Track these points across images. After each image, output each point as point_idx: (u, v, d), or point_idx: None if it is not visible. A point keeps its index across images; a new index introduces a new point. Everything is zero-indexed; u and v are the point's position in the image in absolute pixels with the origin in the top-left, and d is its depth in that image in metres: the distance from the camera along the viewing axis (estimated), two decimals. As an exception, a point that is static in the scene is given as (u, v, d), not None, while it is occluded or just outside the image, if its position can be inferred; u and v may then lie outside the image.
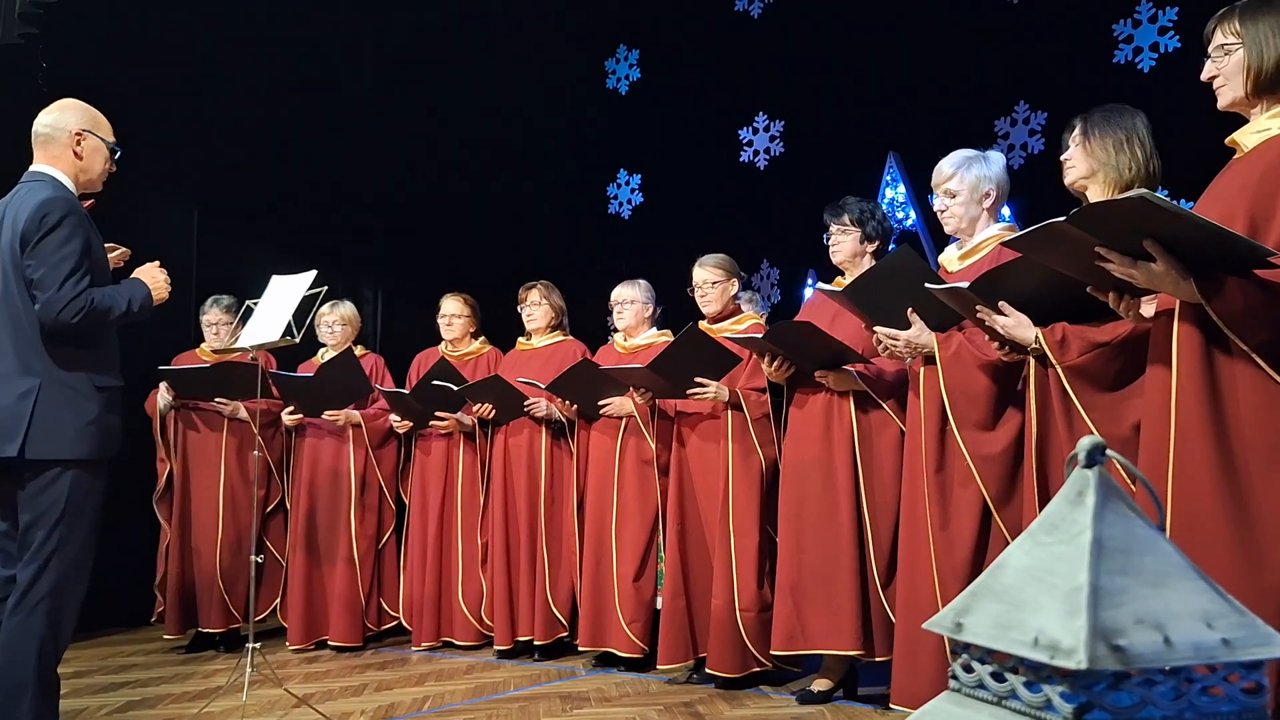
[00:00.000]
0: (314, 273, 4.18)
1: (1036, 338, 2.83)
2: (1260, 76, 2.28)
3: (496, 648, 5.11)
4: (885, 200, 6.18)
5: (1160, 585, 1.03)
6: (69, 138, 3.21)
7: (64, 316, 3.00)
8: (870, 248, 4.03)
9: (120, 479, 3.80)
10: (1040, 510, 2.80)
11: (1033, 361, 2.90)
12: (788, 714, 3.88)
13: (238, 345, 4.27)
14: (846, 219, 4.02)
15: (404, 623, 5.51)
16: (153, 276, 3.33)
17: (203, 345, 5.68)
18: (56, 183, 3.17)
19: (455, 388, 5.05)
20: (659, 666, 4.44)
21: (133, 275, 3.31)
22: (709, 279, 4.53)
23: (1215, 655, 1.00)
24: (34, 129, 3.23)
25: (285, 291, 4.21)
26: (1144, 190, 2.16)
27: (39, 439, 2.99)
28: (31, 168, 3.23)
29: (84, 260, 3.06)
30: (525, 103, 7.43)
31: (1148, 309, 2.42)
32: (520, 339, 5.47)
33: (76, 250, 3.05)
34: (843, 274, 4.08)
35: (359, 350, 5.66)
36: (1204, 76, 2.40)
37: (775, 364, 4.02)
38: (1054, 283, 2.62)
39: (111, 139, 3.31)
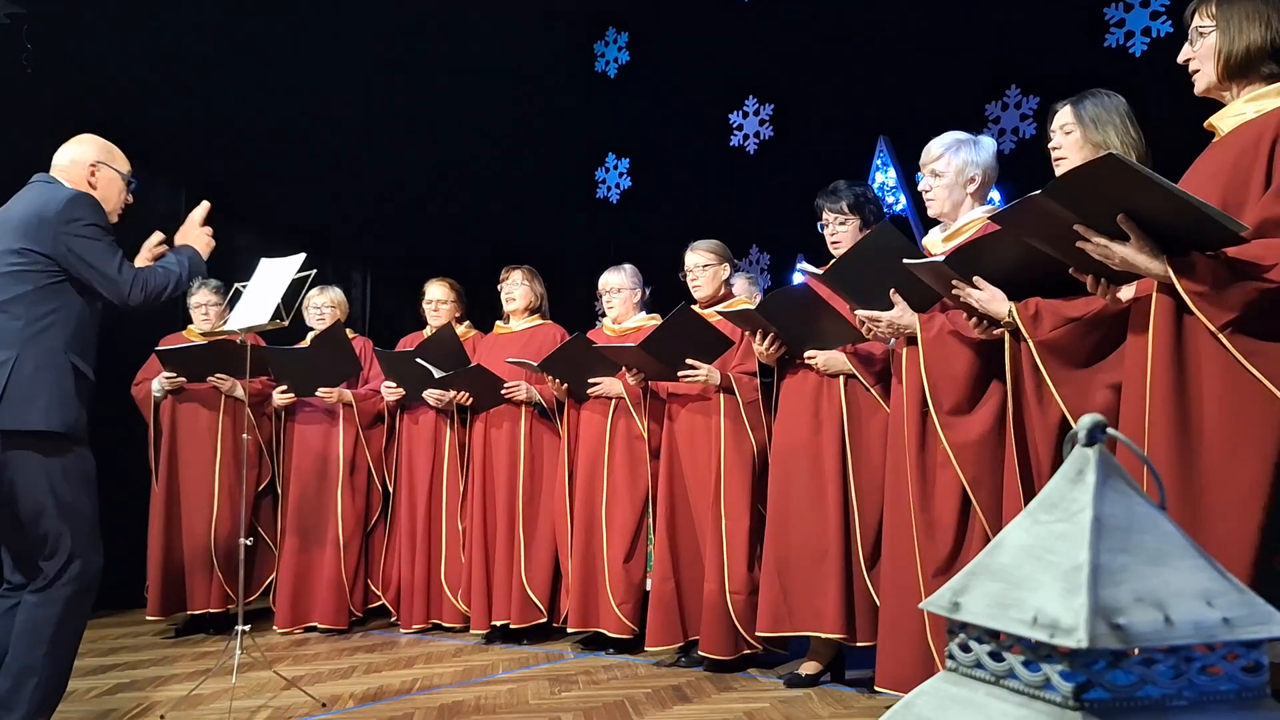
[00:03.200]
0: (303, 255, 4.17)
1: (1010, 312, 2.82)
2: (1230, 60, 2.30)
3: (473, 631, 5.13)
4: (875, 185, 6.17)
5: (1160, 563, 1.03)
6: (84, 170, 3.29)
7: (133, 297, 3.15)
8: (869, 234, 4.00)
9: (110, 461, 3.78)
10: (1022, 484, 2.83)
11: (1008, 337, 2.90)
12: (775, 697, 3.89)
13: (227, 327, 4.26)
14: (844, 206, 3.93)
15: (388, 605, 5.51)
16: (197, 235, 3.49)
17: (190, 327, 5.65)
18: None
19: (438, 373, 5.05)
20: (648, 649, 4.45)
21: (176, 239, 3.45)
22: (700, 263, 4.52)
23: (1215, 634, 1.00)
24: (53, 164, 3.31)
25: (274, 274, 4.19)
26: (1113, 150, 2.16)
27: (12, 409, 2.99)
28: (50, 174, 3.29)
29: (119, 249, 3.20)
30: (514, 85, 7.39)
31: (1126, 293, 2.43)
32: (499, 323, 5.46)
33: (113, 241, 3.18)
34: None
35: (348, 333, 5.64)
36: (1180, 59, 2.42)
37: (767, 342, 4.01)
38: (1029, 258, 2.62)
39: (127, 169, 3.38)
